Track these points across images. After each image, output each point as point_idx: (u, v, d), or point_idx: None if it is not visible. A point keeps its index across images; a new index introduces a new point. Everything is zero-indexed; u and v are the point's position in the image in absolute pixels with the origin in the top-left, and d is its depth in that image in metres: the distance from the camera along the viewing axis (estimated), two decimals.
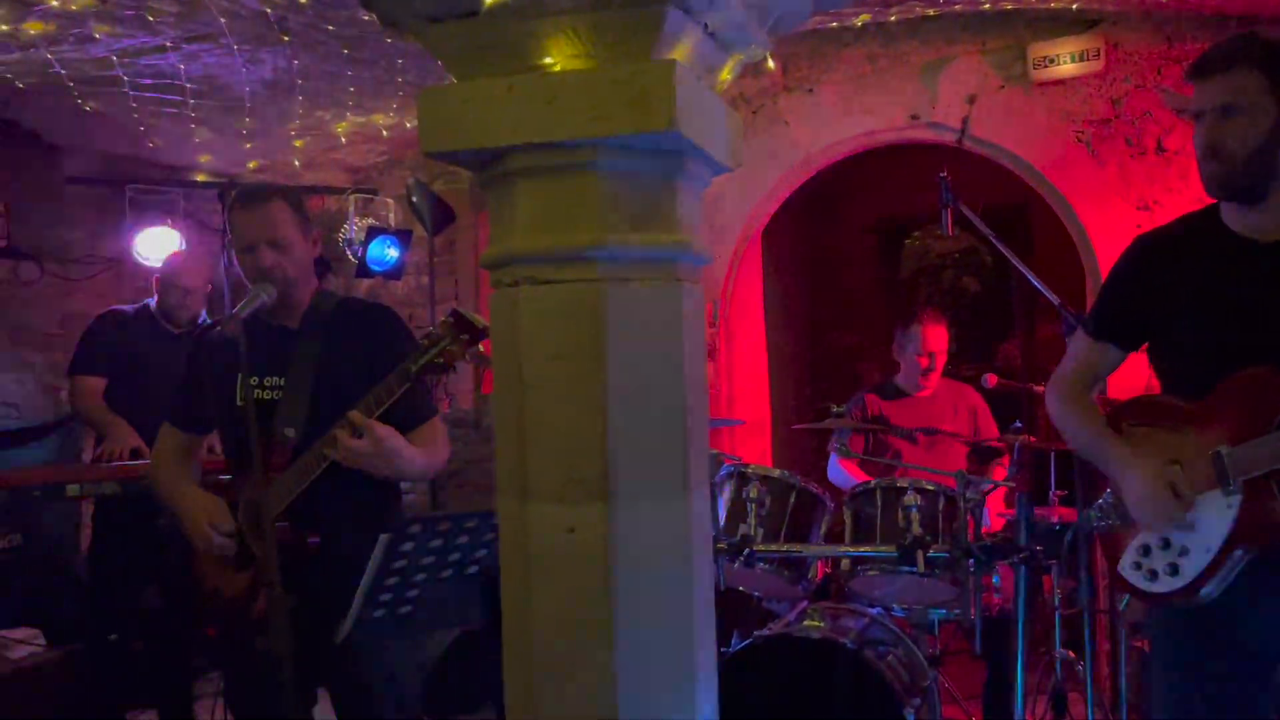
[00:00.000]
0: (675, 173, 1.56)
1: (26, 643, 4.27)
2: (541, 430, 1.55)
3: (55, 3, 3.29)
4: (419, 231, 5.49)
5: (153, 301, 4.15)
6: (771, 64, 1.66)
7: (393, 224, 5.73)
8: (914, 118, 4.65)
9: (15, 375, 5.05)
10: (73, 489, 3.74)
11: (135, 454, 3.84)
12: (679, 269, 1.59)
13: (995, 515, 3.94)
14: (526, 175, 1.52)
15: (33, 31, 3.53)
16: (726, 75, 1.68)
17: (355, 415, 2.28)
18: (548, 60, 1.49)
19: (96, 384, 4.01)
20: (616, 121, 1.43)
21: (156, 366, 3.89)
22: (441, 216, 5.23)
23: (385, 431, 2.30)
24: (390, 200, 5.86)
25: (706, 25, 1.52)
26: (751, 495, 3.35)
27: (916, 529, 3.18)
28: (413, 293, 5.96)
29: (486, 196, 1.63)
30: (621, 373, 1.53)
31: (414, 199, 5.18)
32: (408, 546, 1.87)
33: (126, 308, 4.23)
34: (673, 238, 1.57)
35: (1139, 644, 3.96)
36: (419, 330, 2.66)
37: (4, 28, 3.46)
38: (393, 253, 5.38)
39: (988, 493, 3.60)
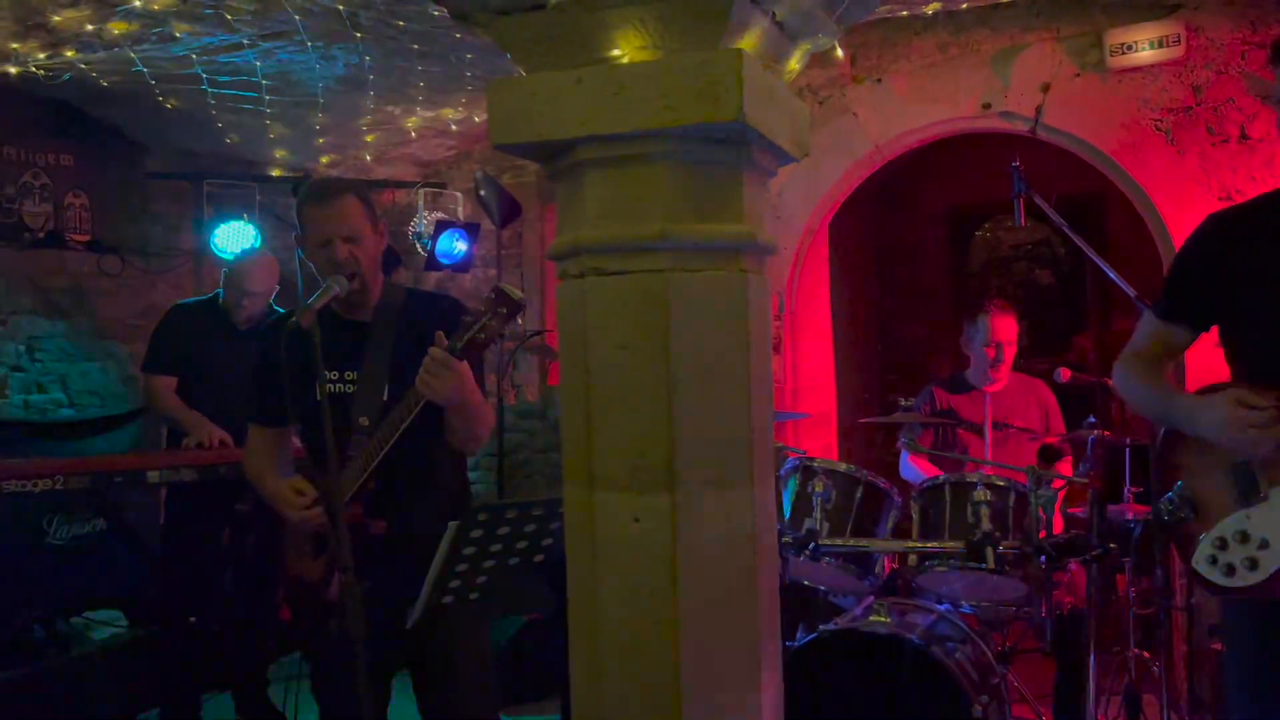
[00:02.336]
0: (742, 163, 1.56)
1: (108, 624, 4.41)
2: (608, 419, 1.56)
3: (138, 3, 3.39)
4: (487, 225, 5.55)
5: (221, 294, 4.22)
6: (840, 53, 1.65)
7: (461, 217, 5.79)
8: (986, 107, 4.57)
9: (99, 364, 5.22)
10: (153, 475, 3.85)
11: (223, 444, 3.91)
12: (745, 259, 1.59)
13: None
14: (594, 166, 1.53)
15: (116, 31, 3.64)
16: (795, 65, 1.67)
17: (436, 349, 2.30)
18: (615, 52, 1.50)
19: (168, 382, 4.06)
20: (684, 112, 1.44)
21: (223, 361, 3.94)
22: (509, 210, 5.28)
23: (462, 364, 2.33)
24: (459, 194, 5.93)
25: (774, 14, 1.51)
26: (817, 489, 3.33)
27: (986, 525, 3.13)
28: (480, 285, 6.02)
29: (554, 188, 1.65)
30: (687, 363, 1.53)
31: (482, 192, 5.23)
32: (477, 534, 1.89)
33: (192, 301, 4.29)
34: (739, 228, 1.57)
35: (1217, 645, 3.86)
36: None
37: (89, 27, 3.58)
38: (461, 246, 5.44)
39: (1060, 489, 3.53)
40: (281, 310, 4.06)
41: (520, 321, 2.36)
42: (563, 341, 1.64)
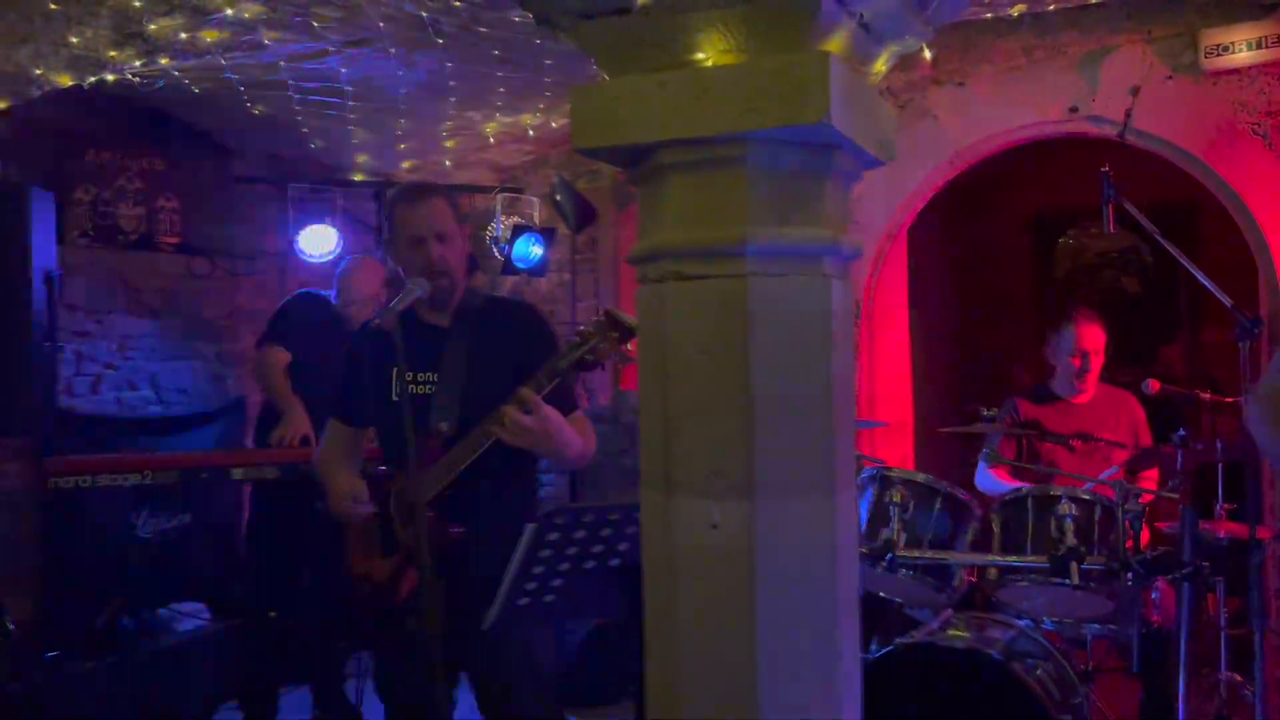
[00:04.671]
0: (826, 166, 1.53)
1: (193, 616, 4.52)
2: (686, 424, 1.55)
3: (230, 12, 3.48)
4: (562, 229, 5.58)
5: (334, 296, 4.30)
6: (928, 54, 1.62)
7: (537, 222, 5.84)
8: (1073, 110, 4.46)
9: (186, 363, 5.37)
10: (237, 472, 3.95)
11: (304, 442, 3.99)
12: (827, 264, 1.56)
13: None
14: (676, 170, 1.52)
15: (208, 39, 3.74)
16: (881, 67, 1.65)
17: (526, 392, 2.33)
18: (699, 55, 1.49)
19: (283, 356, 4.15)
20: (768, 115, 1.42)
21: (331, 354, 4.02)
22: (584, 214, 5.30)
23: (551, 411, 2.35)
24: (535, 199, 5.97)
25: (861, 16, 1.49)
26: (895, 499, 3.27)
27: (1071, 539, 3.04)
28: (555, 289, 6.06)
29: (635, 191, 1.64)
30: (768, 368, 1.51)
31: (558, 197, 5.27)
32: (553, 537, 1.89)
33: (321, 292, 4.38)
34: (822, 232, 1.54)
35: None
36: (561, 325, 2.69)
37: (183, 36, 3.68)
38: (537, 250, 5.48)
39: (1150, 503, 3.42)
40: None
41: (630, 348, 2.37)
42: (642, 346, 1.64)
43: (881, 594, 3.47)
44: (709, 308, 1.52)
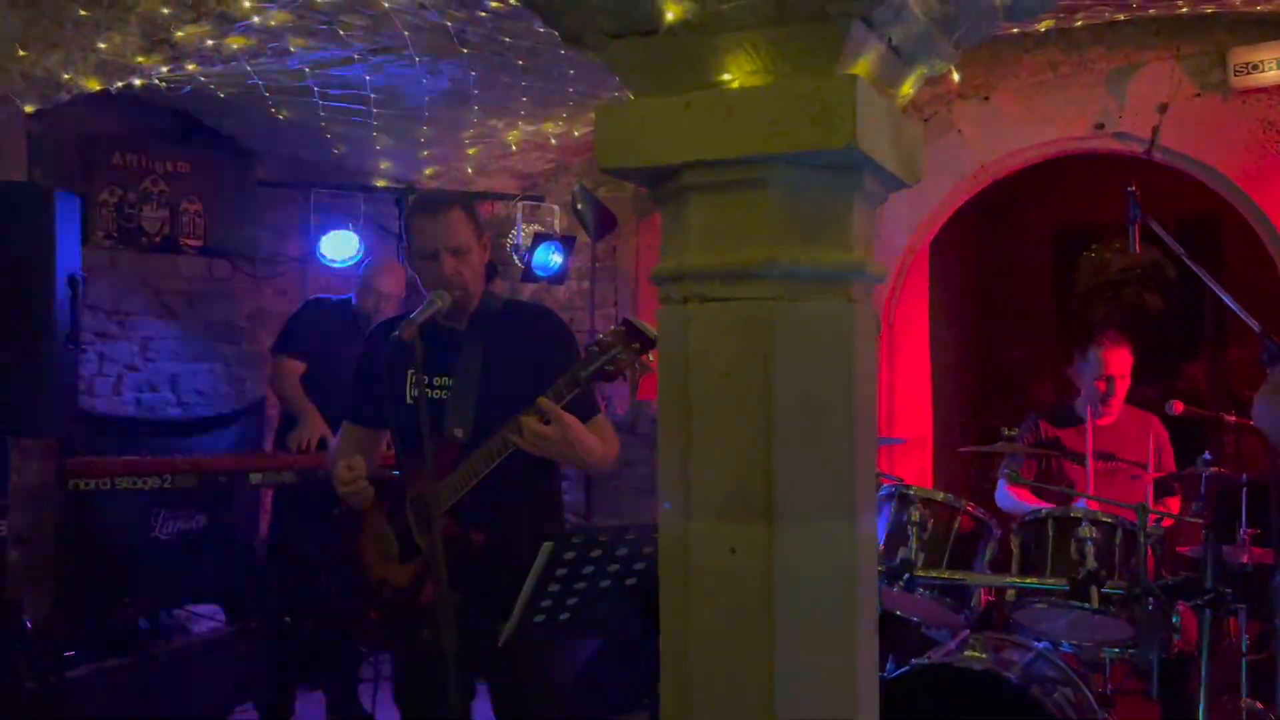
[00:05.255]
0: (851, 189, 1.52)
1: (208, 618, 4.54)
2: (706, 447, 1.54)
3: (256, 19, 3.49)
4: (582, 237, 5.58)
5: (354, 297, 4.32)
6: (957, 76, 1.60)
7: (558, 230, 5.84)
8: (1099, 127, 4.43)
9: (207, 365, 5.40)
10: (255, 476, 3.96)
11: (322, 444, 3.99)
12: (852, 288, 1.55)
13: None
14: (700, 191, 1.52)
15: (235, 46, 3.76)
16: (908, 89, 1.64)
17: (545, 401, 2.32)
18: (725, 76, 1.48)
19: (296, 366, 4.18)
20: (795, 138, 1.41)
21: (346, 359, 4.03)
22: (604, 223, 5.30)
23: (571, 419, 2.34)
24: (556, 207, 5.97)
25: (890, 39, 1.48)
26: (913, 518, 3.24)
27: (1091, 562, 3.00)
28: (574, 296, 6.06)
29: (659, 211, 1.63)
30: (790, 392, 1.50)
31: (578, 206, 5.27)
32: (570, 555, 1.89)
33: (332, 298, 4.39)
34: (846, 256, 1.53)
35: None
36: (579, 333, 2.68)
37: (209, 43, 3.70)
38: (557, 258, 5.49)
39: (1171, 527, 3.39)
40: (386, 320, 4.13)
41: (650, 358, 2.35)
42: (663, 366, 1.63)
43: (899, 613, 3.44)
44: (732, 330, 1.52)
